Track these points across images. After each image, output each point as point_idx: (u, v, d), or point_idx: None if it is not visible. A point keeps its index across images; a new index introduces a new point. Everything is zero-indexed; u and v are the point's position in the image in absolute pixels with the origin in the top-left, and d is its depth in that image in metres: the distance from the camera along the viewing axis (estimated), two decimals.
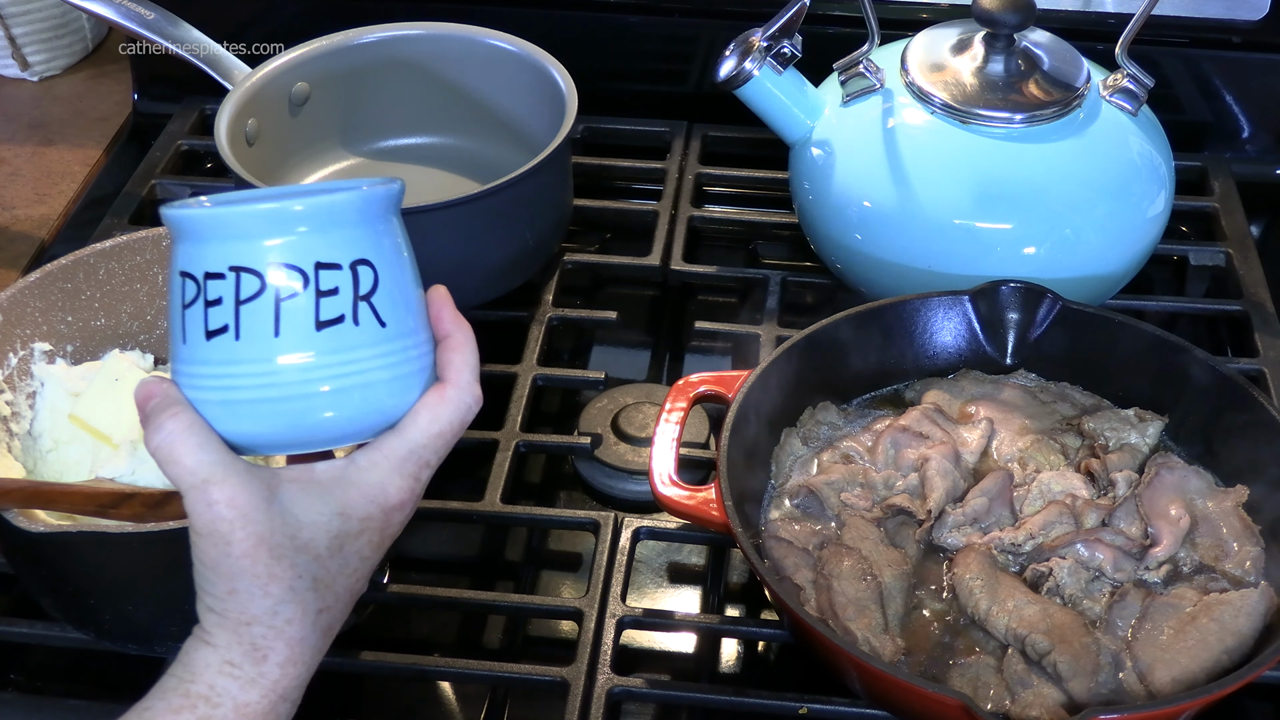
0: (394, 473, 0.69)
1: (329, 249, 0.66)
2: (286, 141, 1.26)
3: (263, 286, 0.65)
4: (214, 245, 0.66)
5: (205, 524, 0.65)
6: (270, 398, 0.66)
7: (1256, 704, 0.95)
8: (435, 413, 0.69)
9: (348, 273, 0.66)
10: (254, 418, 0.66)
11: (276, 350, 0.65)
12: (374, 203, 0.67)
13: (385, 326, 0.67)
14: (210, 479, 0.65)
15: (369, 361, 0.67)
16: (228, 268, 0.65)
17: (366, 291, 0.67)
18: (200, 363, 0.67)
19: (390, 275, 0.68)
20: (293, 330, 0.65)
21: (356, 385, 0.67)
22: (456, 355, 0.71)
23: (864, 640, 0.85)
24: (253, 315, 0.65)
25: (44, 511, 0.88)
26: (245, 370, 0.66)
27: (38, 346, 1.01)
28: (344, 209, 0.66)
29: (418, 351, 0.69)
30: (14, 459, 0.97)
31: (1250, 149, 1.37)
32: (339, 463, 0.68)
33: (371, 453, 0.69)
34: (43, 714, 0.92)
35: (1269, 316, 1.18)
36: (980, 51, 1.11)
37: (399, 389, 0.68)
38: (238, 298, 0.65)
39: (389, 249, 0.68)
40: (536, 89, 1.23)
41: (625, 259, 1.25)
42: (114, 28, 1.37)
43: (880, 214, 1.10)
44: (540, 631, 1.01)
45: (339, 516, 0.67)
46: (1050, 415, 1.02)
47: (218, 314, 0.66)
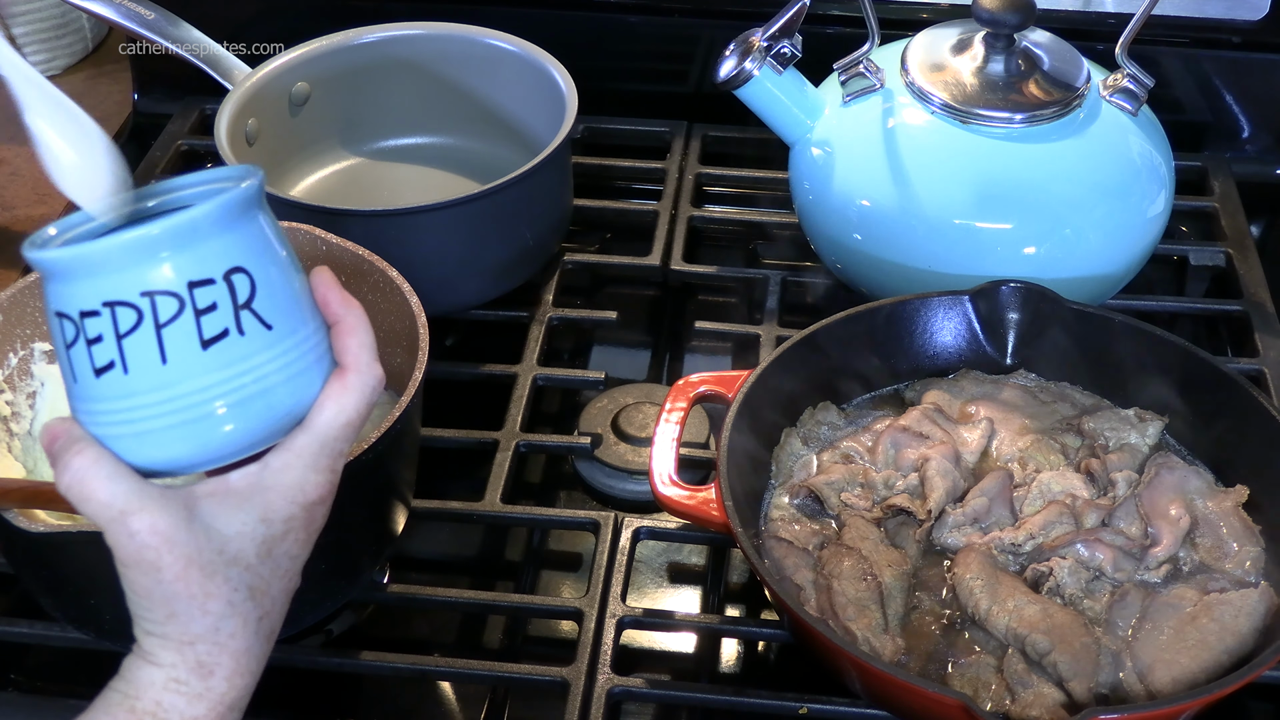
0: (309, 470, 0.68)
1: (199, 266, 0.64)
2: (286, 141, 1.26)
3: (140, 317, 0.64)
4: (82, 283, 0.64)
5: (131, 554, 0.64)
6: (171, 424, 0.65)
7: (1256, 704, 0.95)
8: (340, 403, 0.68)
9: (223, 285, 0.65)
10: (159, 444, 0.66)
11: (167, 377, 0.64)
12: (235, 207, 0.65)
13: (272, 329, 0.66)
14: (127, 509, 0.64)
15: (263, 368, 0.66)
16: (101, 304, 0.64)
17: (245, 299, 0.65)
18: (95, 399, 0.65)
19: (266, 276, 0.66)
20: (179, 354, 0.64)
21: (255, 394, 0.66)
22: (351, 339, 0.70)
23: (864, 640, 0.85)
24: (136, 347, 0.64)
25: (44, 511, 0.88)
26: (140, 402, 0.65)
27: (38, 346, 1.01)
28: (205, 222, 0.64)
29: (310, 344, 0.68)
30: (14, 459, 0.97)
31: (1250, 149, 1.37)
32: (253, 469, 0.67)
33: (284, 454, 0.68)
34: (43, 714, 0.92)
35: (1269, 316, 1.18)
36: (980, 51, 1.11)
37: (298, 387, 0.67)
38: (117, 332, 0.64)
39: (260, 249, 0.67)
40: (536, 89, 1.23)
41: (625, 259, 1.25)
42: (114, 28, 1.37)
43: (880, 214, 1.10)
44: (540, 631, 1.01)
45: (262, 523, 0.67)
46: (1050, 415, 1.02)
47: (101, 351, 0.64)
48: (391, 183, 1.30)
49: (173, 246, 0.64)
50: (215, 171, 0.71)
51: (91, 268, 0.64)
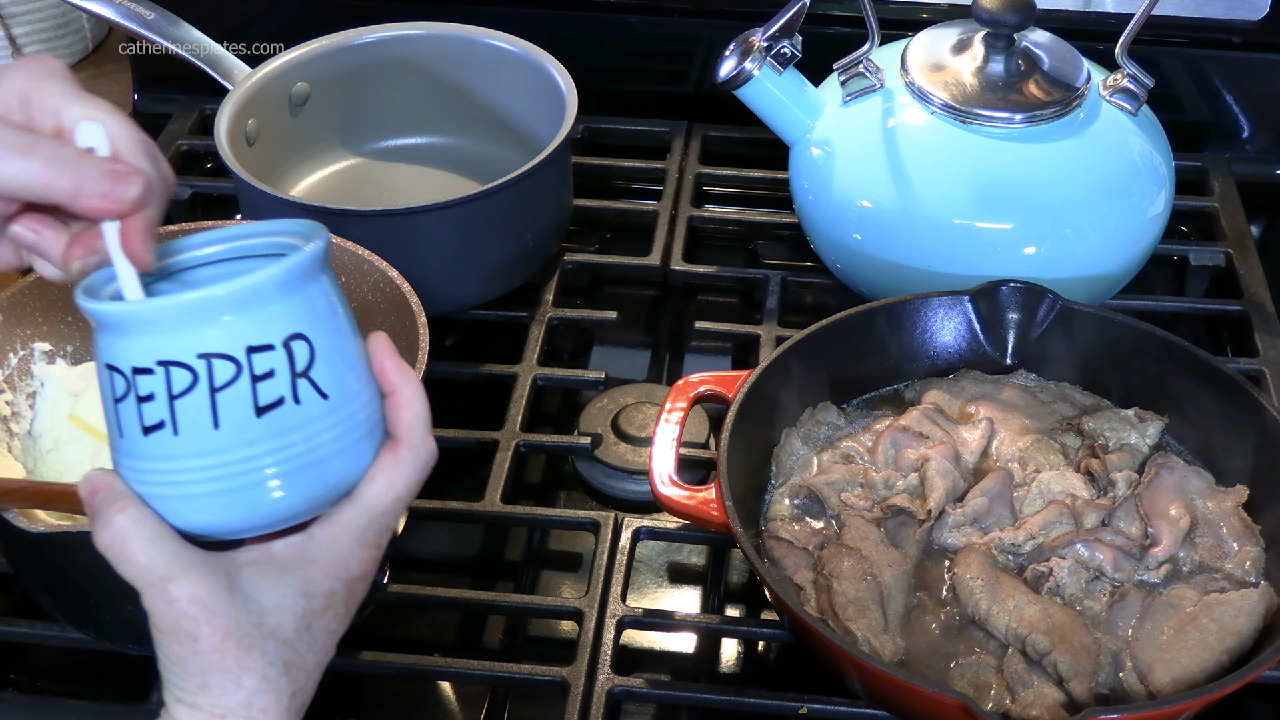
0: (354, 544, 0.66)
1: (259, 331, 0.62)
2: (286, 141, 1.26)
3: (195, 380, 0.62)
4: (137, 339, 0.62)
5: (168, 621, 0.63)
6: (218, 489, 0.63)
7: (1256, 704, 0.95)
8: (392, 478, 0.66)
9: (282, 352, 0.63)
10: (204, 509, 0.64)
11: (218, 442, 0.62)
12: (300, 271, 0.63)
13: (328, 398, 0.64)
14: (168, 575, 0.62)
15: (316, 438, 0.64)
16: (155, 362, 0.62)
17: (304, 367, 0.63)
18: (141, 457, 0.64)
19: (326, 342, 0.64)
20: (232, 420, 0.62)
21: (306, 464, 0.64)
22: (406, 412, 0.68)
23: (864, 640, 0.85)
24: (189, 410, 0.62)
25: (44, 511, 0.88)
26: (189, 465, 0.63)
27: (38, 346, 1.01)
28: (269, 287, 0.62)
29: (364, 414, 0.66)
30: (14, 459, 0.97)
31: (1250, 149, 1.37)
32: (297, 539, 0.66)
33: (330, 526, 0.66)
34: (43, 714, 0.92)
35: (1269, 316, 1.18)
36: (980, 51, 1.11)
37: (350, 458, 0.65)
38: (170, 393, 0.62)
39: (322, 314, 0.64)
40: (536, 89, 1.23)
41: (625, 259, 1.25)
42: (114, 28, 1.37)
43: (880, 214, 1.10)
44: (540, 631, 1.01)
45: (303, 597, 0.65)
46: (1050, 415, 1.02)
47: (152, 410, 0.62)
48: (391, 183, 1.30)
49: (234, 310, 0.62)
50: (278, 223, 0.69)
51: (148, 325, 0.62)
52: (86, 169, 0.66)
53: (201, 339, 0.62)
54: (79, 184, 0.65)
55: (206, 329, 0.62)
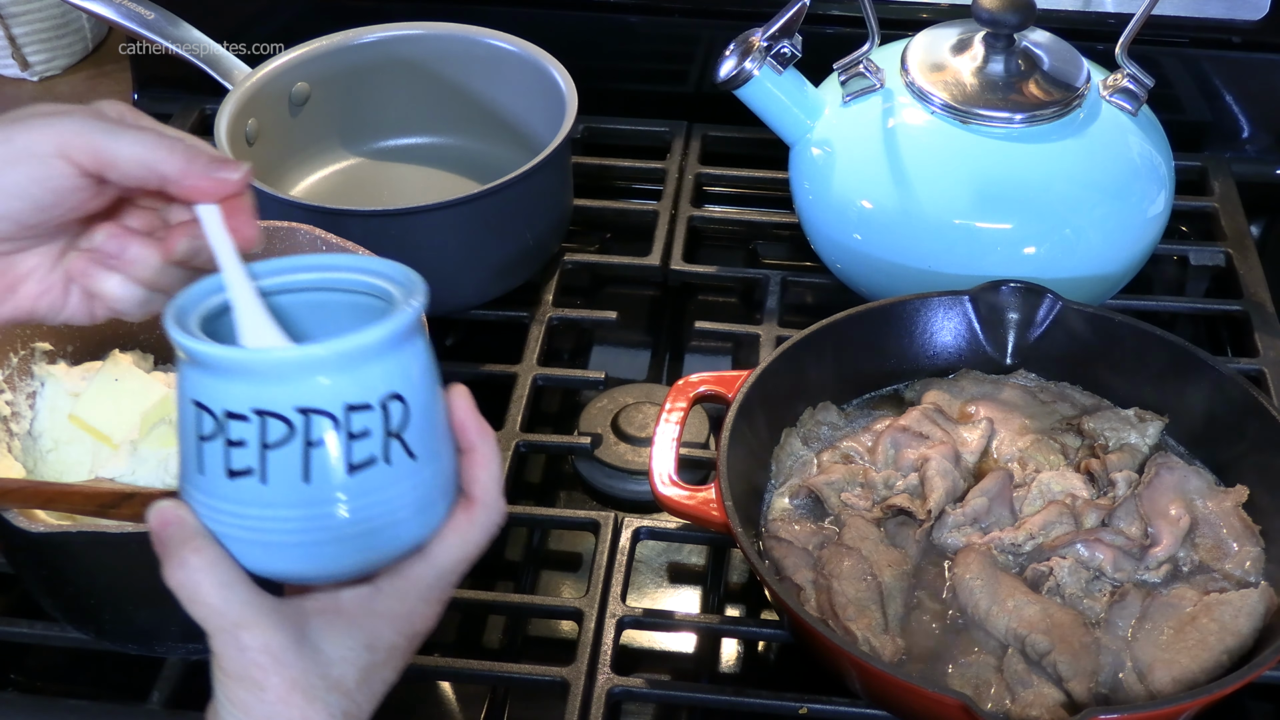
0: (420, 600, 0.66)
1: (359, 390, 0.62)
2: (286, 141, 1.26)
3: (291, 432, 0.61)
4: (235, 385, 0.61)
5: (238, 668, 0.63)
6: (297, 540, 0.63)
7: (1256, 704, 0.95)
8: (465, 536, 0.67)
9: (379, 411, 0.62)
10: (280, 557, 0.64)
11: (306, 495, 0.62)
12: (404, 331, 0.63)
13: (415, 458, 0.64)
14: (240, 622, 0.62)
15: (400, 497, 0.64)
16: (251, 410, 0.61)
17: (398, 427, 0.63)
18: (221, 499, 0.63)
19: (419, 403, 0.64)
20: (324, 476, 0.62)
21: (387, 523, 0.64)
22: (483, 471, 0.68)
23: (864, 640, 0.85)
24: (280, 461, 0.61)
25: (44, 511, 0.88)
26: (271, 514, 0.62)
27: (38, 346, 1.01)
28: (375, 347, 0.62)
29: (445, 473, 0.66)
30: (14, 459, 0.97)
31: (1250, 149, 1.37)
32: (365, 591, 0.66)
33: (398, 580, 0.66)
34: (43, 714, 0.92)
35: (1269, 316, 1.18)
36: (980, 51, 1.11)
37: (427, 517, 0.66)
38: (263, 442, 0.61)
39: (418, 375, 0.64)
40: (536, 89, 1.23)
41: (625, 259, 1.25)
42: (114, 28, 1.37)
43: (880, 214, 1.10)
44: (540, 631, 1.01)
45: (367, 650, 0.65)
46: (1050, 415, 1.02)
47: (241, 455, 0.62)
48: (391, 183, 1.30)
49: (338, 369, 0.61)
50: (375, 262, 0.68)
51: (249, 374, 0.61)
52: (195, 151, 0.68)
53: (302, 393, 0.61)
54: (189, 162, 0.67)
55: (308, 384, 0.61)
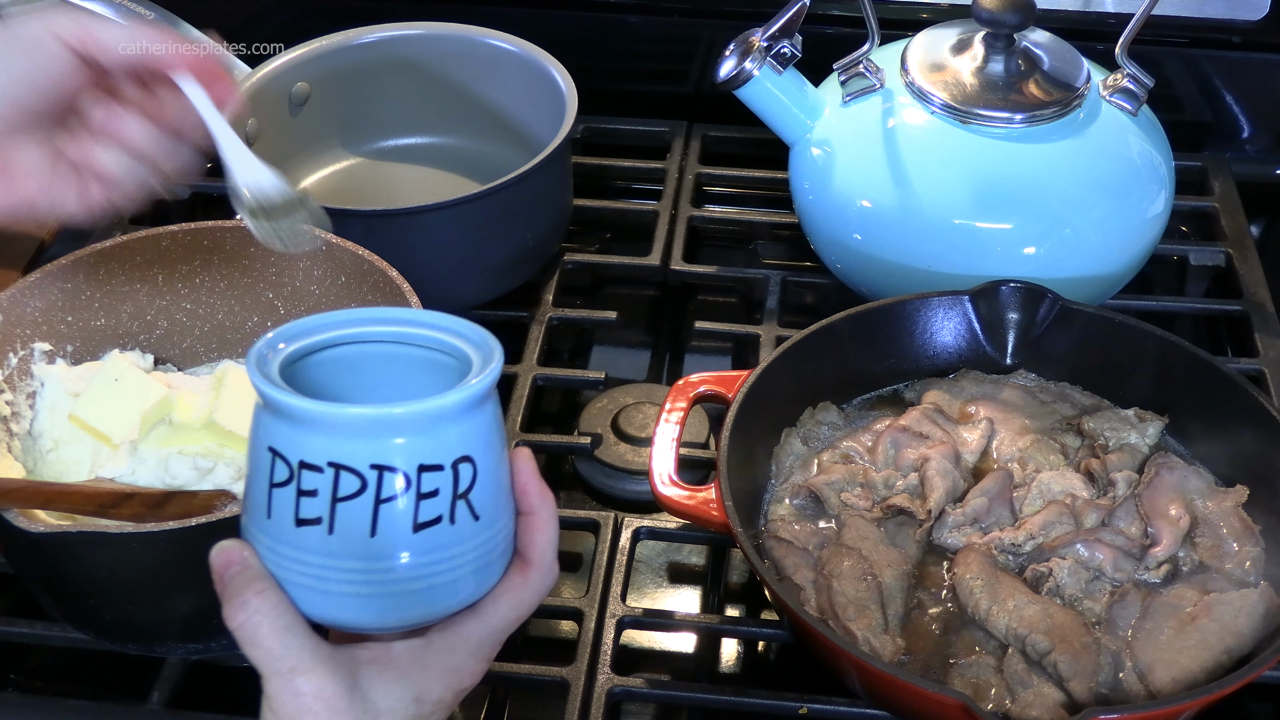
0: (470, 657, 0.68)
1: (433, 451, 0.63)
2: (286, 141, 1.26)
3: (363, 487, 0.63)
4: (313, 437, 0.63)
5: (290, 712, 0.64)
6: (358, 592, 0.64)
7: (1256, 704, 0.95)
8: (518, 598, 0.68)
9: (449, 472, 0.64)
10: (338, 606, 0.65)
11: (371, 550, 0.63)
12: (479, 396, 0.65)
13: (478, 520, 0.65)
14: (298, 668, 0.63)
15: (461, 556, 0.65)
16: (327, 463, 0.63)
17: (465, 489, 0.65)
18: (287, 545, 0.64)
19: (488, 466, 0.66)
20: (390, 532, 0.63)
21: (446, 580, 0.65)
22: (540, 535, 0.69)
23: (864, 640, 0.85)
24: (349, 514, 0.63)
25: (44, 511, 0.88)
26: (336, 564, 0.64)
27: (38, 346, 1.01)
28: (451, 411, 0.64)
29: (505, 534, 0.68)
30: (14, 459, 0.97)
31: (1250, 149, 1.37)
32: (417, 644, 0.67)
33: (450, 636, 0.67)
34: (43, 714, 0.92)
35: (1269, 316, 1.18)
36: (980, 51, 1.11)
37: (484, 577, 0.67)
38: (335, 495, 0.63)
39: (488, 438, 0.66)
40: (536, 89, 1.23)
41: (625, 259, 1.25)
42: None
43: (880, 214, 1.10)
44: (540, 631, 1.01)
45: (415, 702, 0.66)
46: (1050, 415, 1.02)
47: (311, 505, 0.63)
48: (391, 183, 1.30)
49: (415, 429, 0.63)
50: (452, 321, 0.70)
51: (329, 427, 0.63)
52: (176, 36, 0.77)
53: (378, 451, 0.63)
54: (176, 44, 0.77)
55: (385, 442, 0.63)
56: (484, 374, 0.65)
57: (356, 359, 0.70)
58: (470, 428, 0.65)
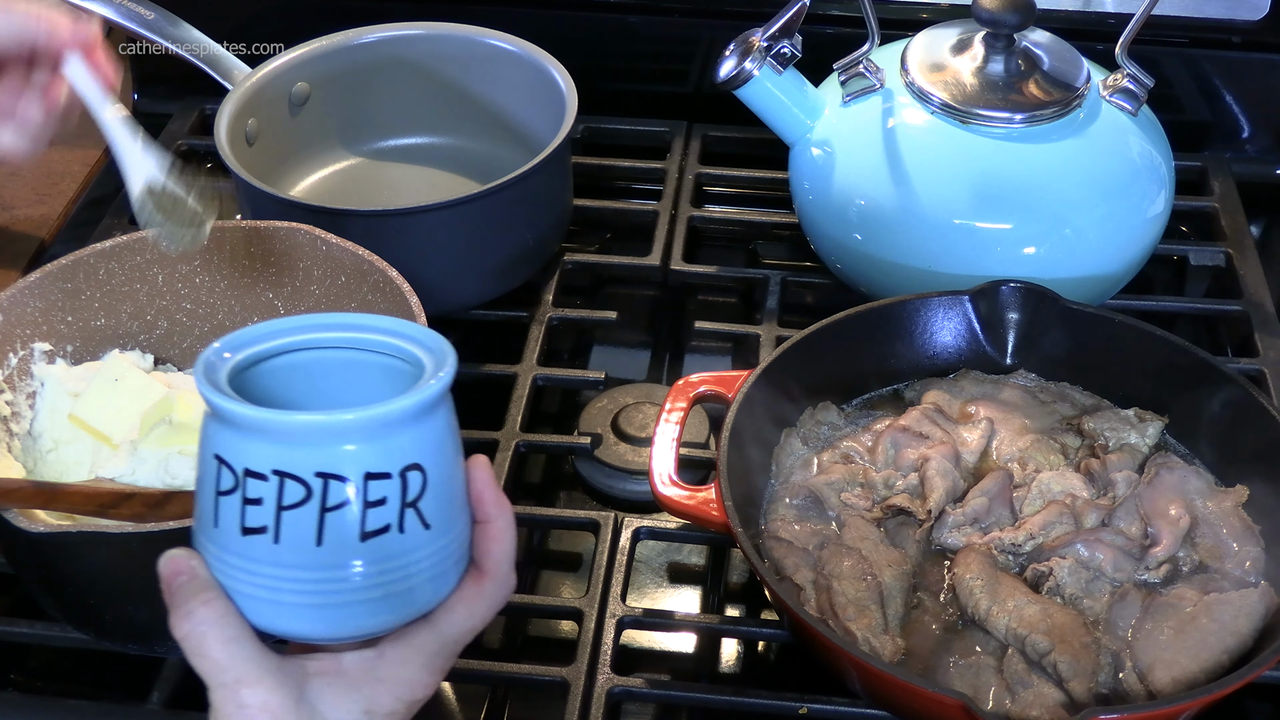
0: (423, 669, 0.67)
1: (380, 459, 0.62)
2: (286, 141, 1.26)
3: (308, 496, 0.62)
4: (258, 444, 0.62)
5: None
6: (306, 602, 0.64)
7: (1256, 704, 0.95)
8: (472, 609, 0.67)
9: (397, 480, 0.63)
10: (286, 616, 0.64)
11: (318, 559, 0.63)
12: (429, 402, 0.64)
13: (429, 528, 0.64)
14: (243, 679, 0.63)
15: (411, 566, 0.64)
16: (271, 470, 0.62)
17: (414, 497, 0.64)
18: (233, 553, 0.64)
19: (438, 474, 0.65)
20: (337, 541, 0.62)
21: (398, 591, 0.64)
22: (496, 545, 0.68)
23: (864, 640, 0.85)
24: (295, 522, 0.62)
25: (44, 511, 0.88)
26: (282, 574, 0.63)
27: (38, 346, 1.01)
28: (398, 418, 0.63)
29: (458, 543, 0.67)
30: (14, 459, 0.97)
31: (1250, 149, 1.37)
32: (368, 655, 0.66)
33: (402, 647, 0.66)
34: (43, 714, 0.92)
35: (1269, 316, 1.18)
36: (980, 51, 1.11)
37: (437, 586, 0.66)
38: (280, 503, 0.62)
39: (439, 446, 0.65)
40: (536, 89, 1.23)
41: (625, 259, 1.25)
42: (114, 28, 1.36)
43: (880, 214, 1.10)
44: (540, 631, 1.01)
45: (365, 715, 0.65)
46: (1050, 415, 1.02)
47: (256, 513, 0.62)
48: (391, 183, 1.30)
49: (361, 437, 0.62)
50: (407, 327, 0.69)
51: (272, 434, 0.62)
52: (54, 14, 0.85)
53: (323, 458, 0.62)
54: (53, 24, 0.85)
55: (330, 450, 0.62)
56: (434, 380, 0.64)
57: (310, 366, 0.69)
58: (420, 435, 0.64)
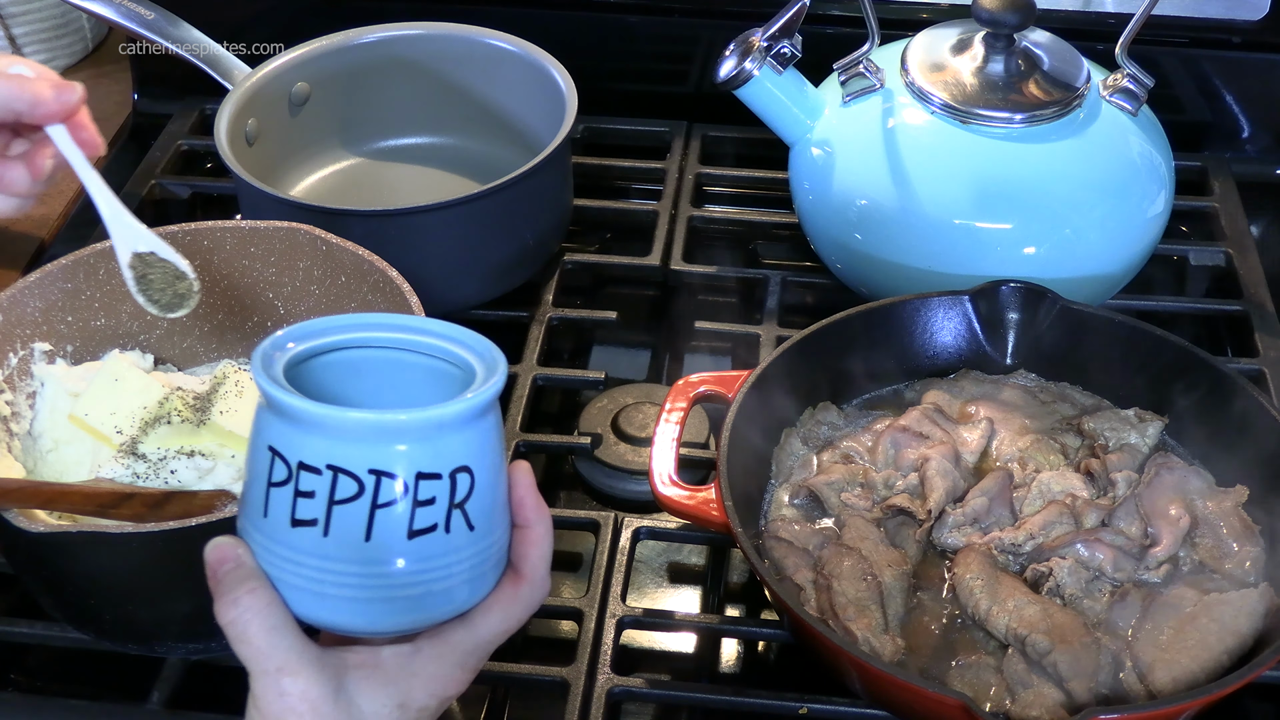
0: (457, 666, 0.68)
1: (432, 460, 0.64)
2: (286, 141, 1.26)
3: (360, 491, 0.63)
4: (314, 439, 0.63)
5: (275, 712, 0.64)
6: (350, 596, 0.65)
7: (1256, 704, 0.95)
8: (508, 611, 0.69)
9: (447, 481, 0.64)
10: (329, 608, 0.65)
11: (365, 554, 0.64)
12: (481, 407, 0.65)
13: (474, 530, 0.66)
14: (284, 668, 0.64)
15: (454, 565, 0.66)
16: (325, 465, 0.63)
17: (462, 499, 0.65)
18: (281, 544, 0.65)
19: (485, 478, 0.66)
20: (385, 537, 0.64)
21: (439, 589, 0.66)
22: (534, 550, 0.69)
23: (864, 640, 0.85)
24: (345, 517, 0.63)
25: (44, 511, 0.88)
26: (329, 566, 0.64)
27: (38, 346, 1.01)
28: (452, 421, 0.64)
29: (498, 546, 0.68)
30: (14, 459, 0.97)
31: (1250, 149, 1.37)
32: (405, 650, 0.67)
33: (438, 644, 0.68)
34: (43, 714, 0.92)
35: (1269, 316, 1.18)
36: (980, 51, 1.11)
37: (477, 587, 0.68)
38: (332, 497, 0.63)
39: (488, 450, 0.66)
40: (536, 89, 1.23)
41: (625, 259, 1.25)
42: (114, 28, 1.37)
43: (880, 214, 1.10)
44: (540, 631, 1.00)
45: (399, 708, 0.66)
46: (1050, 415, 1.02)
47: (308, 506, 0.64)
48: (391, 183, 1.30)
49: (415, 437, 0.64)
50: (457, 331, 0.70)
51: (328, 430, 0.63)
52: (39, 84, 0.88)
53: (377, 456, 0.63)
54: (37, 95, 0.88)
55: (385, 448, 0.63)
56: (486, 385, 0.66)
57: (361, 364, 0.70)
58: (470, 438, 0.65)
